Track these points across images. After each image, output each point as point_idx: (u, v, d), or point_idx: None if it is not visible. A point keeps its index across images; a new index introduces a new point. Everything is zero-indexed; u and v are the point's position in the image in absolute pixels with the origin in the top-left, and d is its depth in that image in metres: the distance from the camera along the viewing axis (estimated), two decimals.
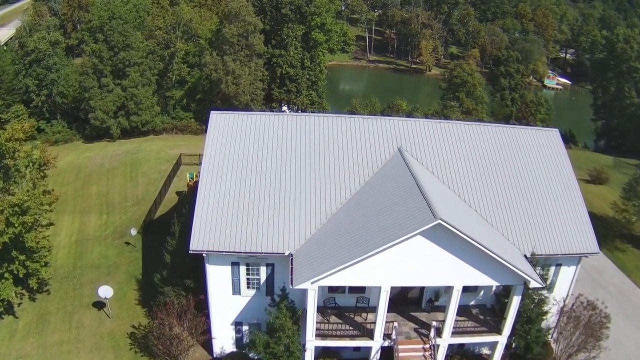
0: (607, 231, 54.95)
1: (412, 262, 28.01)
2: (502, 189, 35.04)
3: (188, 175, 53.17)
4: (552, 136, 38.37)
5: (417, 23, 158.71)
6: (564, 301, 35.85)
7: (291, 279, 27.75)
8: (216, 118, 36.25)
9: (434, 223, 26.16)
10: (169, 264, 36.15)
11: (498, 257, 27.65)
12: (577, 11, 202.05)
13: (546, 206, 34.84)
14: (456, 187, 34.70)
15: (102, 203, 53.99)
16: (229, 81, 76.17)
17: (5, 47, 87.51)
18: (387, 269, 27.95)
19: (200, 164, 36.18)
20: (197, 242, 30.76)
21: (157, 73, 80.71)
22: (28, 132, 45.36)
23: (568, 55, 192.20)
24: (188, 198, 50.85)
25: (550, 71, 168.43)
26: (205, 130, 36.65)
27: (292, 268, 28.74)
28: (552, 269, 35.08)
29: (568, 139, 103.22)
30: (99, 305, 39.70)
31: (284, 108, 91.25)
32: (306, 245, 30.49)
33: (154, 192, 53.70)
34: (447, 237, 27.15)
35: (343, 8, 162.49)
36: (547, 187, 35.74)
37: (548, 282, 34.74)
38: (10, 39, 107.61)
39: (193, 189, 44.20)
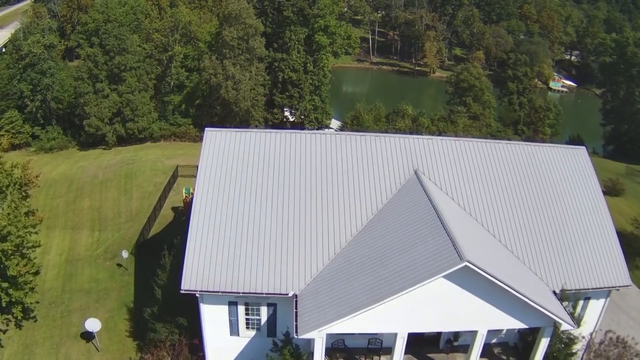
0: (627, 249, 51.69)
1: (432, 306, 25.06)
2: (527, 216, 31.98)
3: (184, 190, 50.31)
4: (579, 155, 35.42)
5: (420, 24, 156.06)
6: (591, 336, 32.97)
7: (296, 326, 24.75)
8: (211, 136, 33.14)
9: (460, 265, 23.24)
10: (159, 299, 33.16)
11: (528, 300, 24.76)
12: (581, 12, 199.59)
13: (575, 234, 31.86)
14: (477, 213, 31.63)
15: (94, 218, 51.11)
16: (228, 86, 73.35)
17: (4, 49, 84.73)
18: (404, 314, 24.99)
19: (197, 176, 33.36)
20: (190, 281, 27.73)
21: (154, 77, 78.05)
22: (6, 147, 42.47)
23: (573, 57, 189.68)
24: (183, 214, 48.06)
25: (555, 73, 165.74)
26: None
27: (296, 312, 25.71)
28: (580, 302, 32.12)
29: (576, 145, 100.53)
30: (88, 336, 36.80)
31: (286, 113, 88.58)
32: (312, 285, 27.47)
33: (149, 208, 50.80)
34: (472, 279, 24.21)
35: (346, 9, 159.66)
36: (576, 212, 32.76)
37: (576, 317, 31.84)
38: (9, 41, 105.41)
39: (189, 206, 41.29)
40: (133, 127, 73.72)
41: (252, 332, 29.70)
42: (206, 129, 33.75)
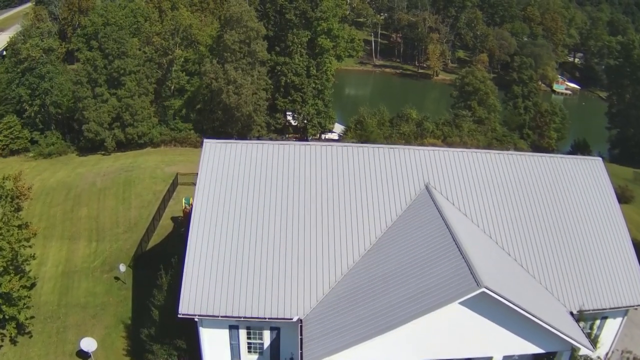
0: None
1: (445, 332, 23.70)
2: (543, 232, 30.55)
3: (184, 200, 48.92)
4: (595, 166, 33.98)
5: (423, 27, 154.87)
6: (607, 356, 31.66)
7: (301, 354, 23.39)
8: (210, 148, 31.74)
9: (477, 292, 21.90)
10: (157, 320, 31.72)
11: (547, 325, 23.40)
12: (585, 14, 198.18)
13: (592, 252, 30.49)
14: (490, 229, 30.21)
15: (92, 228, 49.76)
16: (230, 91, 72.07)
17: (4, 52, 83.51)
18: (416, 342, 23.63)
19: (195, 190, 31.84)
20: (188, 305, 26.32)
21: (154, 82, 76.67)
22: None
23: (576, 60, 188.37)
24: (183, 224, 46.74)
25: (559, 76, 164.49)
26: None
27: (301, 339, 24.32)
28: (597, 322, 30.78)
29: (582, 149, 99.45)
30: (84, 354, 35.43)
31: (289, 117, 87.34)
32: (318, 309, 26.05)
33: (148, 217, 49.42)
34: (489, 304, 22.83)
35: (349, 12, 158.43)
36: (592, 228, 31.35)
37: (592, 337, 30.47)
38: (8, 44, 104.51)
39: (188, 218, 39.96)
40: (133, 132, 72.43)
41: (255, 357, 28.33)
42: (205, 140, 32.42)
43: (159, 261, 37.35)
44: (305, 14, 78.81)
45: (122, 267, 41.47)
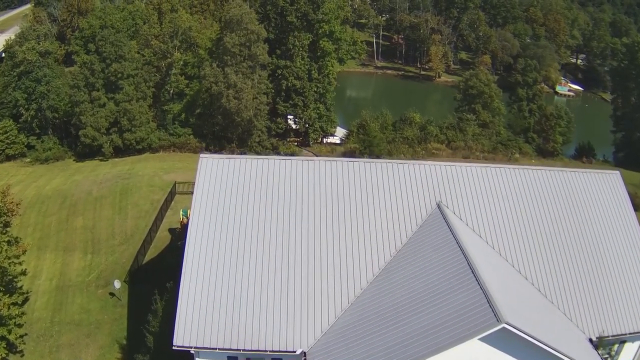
0: None
1: None
2: (561, 253, 28.92)
3: (181, 212, 47.32)
4: (612, 181, 32.34)
5: (425, 28, 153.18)
6: None
7: None
8: (206, 164, 29.94)
9: (497, 328, 20.32)
10: (151, 348, 30.13)
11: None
12: (587, 15, 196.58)
13: (612, 272, 28.90)
14: (506, 251, 28.52)
15: (87, 239, 48.22)
16: (230, 95, 70.65)
17: (3, 55, 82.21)
18: None
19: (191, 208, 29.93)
20: (183, 337, 24.62)
21: (153, 85, 75.23)
22: None
23: (579, 61, 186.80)
24: (180, 237, 45.20)
25: (562, 77, 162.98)
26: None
27: None
28: (615, 346, 29.27)
29: (586, 152, 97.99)
30: None
31: (290, 121, 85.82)
32: (323, 341, 24.33)
33: (144, 229, 47.84)
34: (508, 338, 21.20)
35: (350, 13, 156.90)
36: (611, 247, 29.76)
37: None
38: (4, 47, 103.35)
39: (185, 229, 38.35)
40: (130, 137, 70.97)
41: None
42: (201, 155, 30.60)
43: (156, 276, 35.91)
44: (306, 16, 77.25)
45: (117, 284, 39.88)
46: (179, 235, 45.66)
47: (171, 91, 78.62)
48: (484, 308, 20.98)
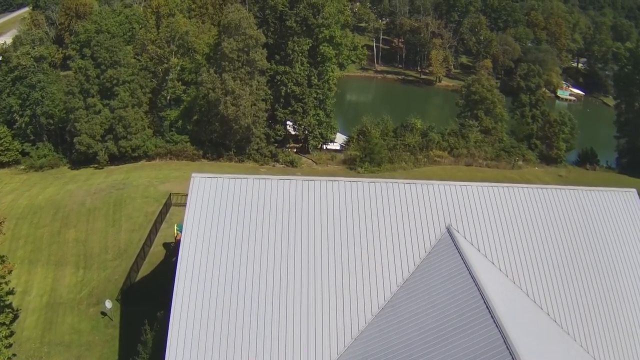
0: None
1: None
2: (578, 281, 27.08)
3: (176, 227, 45.63)
4: (629, 199, 30.62)
5: (426, 32, 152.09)
6: None
7: None
8: (198, 184, 27.77)
9: None
10: None
11: None
12: (588, 19, 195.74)
13: (632, 301, 27.13)
14: (520, 278, 26.56)
15: (79, 253, 46.63)
16: (228, 102, 69.24)
17: (1, 58, 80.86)
18: None
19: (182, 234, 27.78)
20: None
21: (149, 91, 73.72)
22: None
23: (580, 65, 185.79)
24: (174, 253, 43.61)
25: (563, 82, 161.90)
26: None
27: None
28: None
29: (590, 159, 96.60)
30: None
31: (289, 128, 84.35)
32: None
33: (138, 243, 46.21)
34: None
35: (351, 17, 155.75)
36: (629, 272, 27.91)
37: None
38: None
39: (178, 246, 36.72)
40: (126, 145, 69.41)
41: None
42: (193, 174, 28.22)
43: (149, 296, 34.27)
44: (306, 20, 75.74)
45: (109, 304, 38.15)
46: (173, 250, 44.07)
47: (168, 97, 77.07)
48: (501, 351, 19.20)
